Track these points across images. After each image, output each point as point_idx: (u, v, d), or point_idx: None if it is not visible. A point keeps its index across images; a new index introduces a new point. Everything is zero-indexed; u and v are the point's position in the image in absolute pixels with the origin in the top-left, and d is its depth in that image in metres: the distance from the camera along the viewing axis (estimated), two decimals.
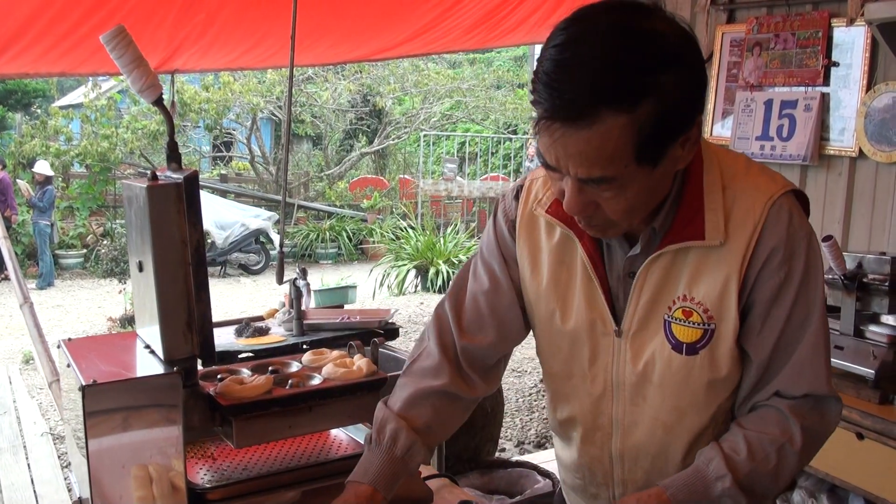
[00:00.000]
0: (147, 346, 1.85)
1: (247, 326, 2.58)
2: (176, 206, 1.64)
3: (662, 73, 1.29)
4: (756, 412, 1.56)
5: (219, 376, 1.89)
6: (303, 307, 2.63)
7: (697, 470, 1.50)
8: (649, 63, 1.28)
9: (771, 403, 1.54)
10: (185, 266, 1.67)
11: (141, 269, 1.75)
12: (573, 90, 1.27)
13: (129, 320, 9.52)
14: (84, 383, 1.58)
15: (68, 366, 1.76)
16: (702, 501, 1.49)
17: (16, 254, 12.79)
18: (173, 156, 1.75)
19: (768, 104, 4.06)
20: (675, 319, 1.53)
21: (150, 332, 1.79)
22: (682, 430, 1.60)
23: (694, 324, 1.51)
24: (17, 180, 14.05)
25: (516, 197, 1.71)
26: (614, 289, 1.59)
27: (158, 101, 1.72)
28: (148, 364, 1.76)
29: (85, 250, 14.85)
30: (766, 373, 1.53)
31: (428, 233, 12.55)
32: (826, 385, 1.52)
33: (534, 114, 1.35)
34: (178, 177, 1.67)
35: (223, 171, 19.52)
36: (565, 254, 1.63)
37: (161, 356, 1.72)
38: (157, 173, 1.71)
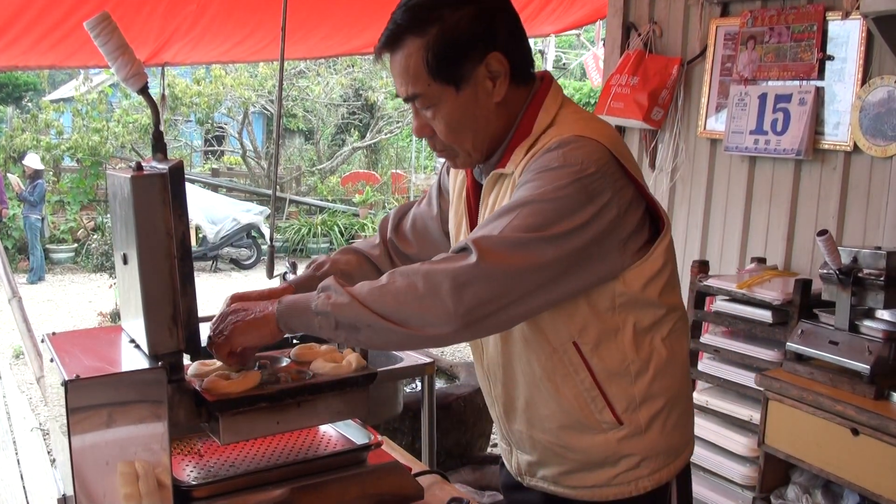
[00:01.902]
0: (132, 341, 1.82)
1: None
2: (161, 196, 1.61)
3: (447, 9, 1.67)
4: None
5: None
6: None
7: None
8: (438, 2, 1.68)
9: None
10: (170, 258, 1.64)
11: (125, 261, 1.72)
12: (390, 27, 1.70)
13: (119, 315, 9.47)
14: (67, 378, 1.55)
15: (52, 360, 1.73)
16: (302, 310, 1.67)
17: (6, 248, 12.82)
18: (158, 146, 1.72)
19: (762, 98, 4.03)
20: None
21: (134, 326, 1.76)
22: (514, 352, 1.82)
23: None
24: (8, 174, 13.99)
25: None
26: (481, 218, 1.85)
27: (144, 90, 1.69)
28: (133, 359, 1.73)
29: (76, 245, 14.79)
30: None
31: None
32: (474, 237, 1.60)
33: None
34: (163, 167, 1.64)
35: (214, 166, 19.49)
36: (462, 189, 1.96)
37: (146, 351, 1.69)
38: (143, 164, 1.67)
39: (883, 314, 3.09)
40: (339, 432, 2.08)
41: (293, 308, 1.68)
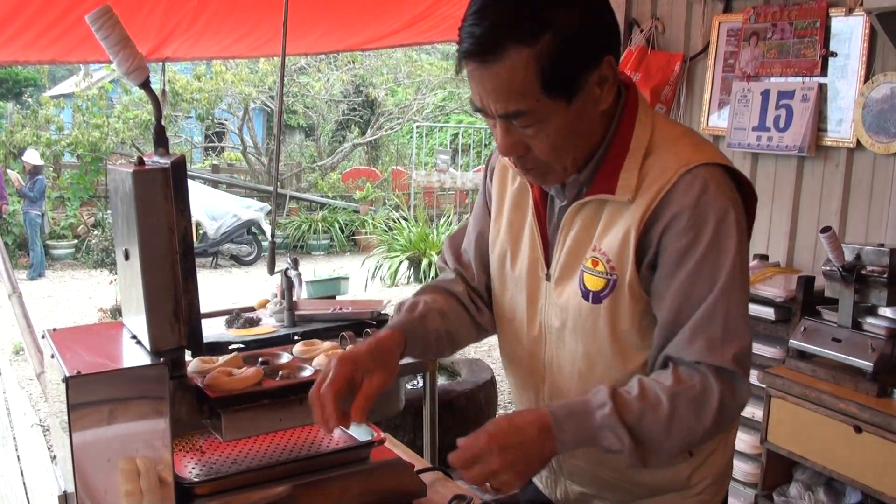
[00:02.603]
0: (133, 337, 1.81)
1: (237, 317, 2.55)
2: (163, 191, 1.60)
3: (560, 10, 1.42)
4: (659, 369, 1.58)
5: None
6: (294, 298, 2.59)
7: (583, 398, 1.53)
8: (548, 2, 1.42)
9: (674, 363, 1.56)
10: (172, 254, 1.63)
11: (127, 257, 1.71)
12: (482, 30, 1.42)
13: (119, 311, 9.47)
14: (68, 374, 1.54)
15: (52, 356, 1.72)
16: (581, 426, 1.49)
17: (6, 244, 12.81)
18: (160, 140, 1.71)
19: (765, 95, 4.02)
20: (587, 269, 1.62)
21: (136, 321, 1.75)
22: (594, 381, 1.63)
23: (599, 273, 1.60)
24: (8, 170, 13.98)
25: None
26: (550, 236, 1.71)
27: (145, 84, 1.68)
28: (134, 355, 1.72)
29: (76, 241, 14.80)
30: (667, 336, 1.56)
31: (421, 224, 12.51)
32: (722, 358, 1.51)
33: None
34: (164, 162, 1.63)
35: (215, 162, 19.48)
36: (521, 199, 1.77)
37: (148, 347, 1.68)
38: (144, 159, 1.66)
39: (886, 311, 3.08)
40: (341, 429, 2.07)
41: (577, 443, 1.51)
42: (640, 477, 1.73)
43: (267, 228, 14.78)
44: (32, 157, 13.53)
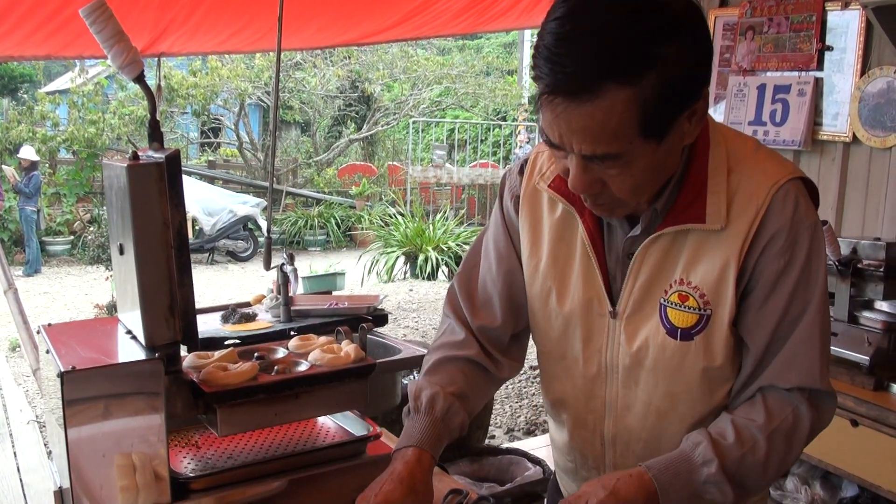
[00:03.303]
0: (129, 332, 1.80)
1: (233, 312, 2.54)
2: (157, 186, 1.59)
3: (666, 45, 1.25)
4: (747, 402, 1.52)
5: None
6: (290, 293, 2.59)
7: (683, 453, 1.46)
8: (652, 35, 1.25)
9: (764, 390, 1.51)
10: (167, 249, 1.62)
11: (122, 252, 1.70)
12: (575, 63, 1.24)
13: (116, 307, 9.43)
14: (63, 370, 1.53)
15: (47, 352, 1.71)
16: (685, 486, 1.44)
17: (2, 241, 12.83)
18: (155, 135, 1.70)
19: (761, 89, 4.02)
20: (671, 304, 1.50)
21: (131, 317, 1.75)
22: (675, 417, 1.57)
23: (690, 308, 1.48)
24: (3, 166, 13.96)
25: (521, 171, 1.70)
26: (612, 269, 1.57)
27: (140, 78, 1.66)
28: (129, 350, 1.71)
29: (72, 237, 14.78)
30: (760, 362, 1.50)
31: (417, 220, 12.50)
32: (819, 380, 1.48)
33: (533, 91, 1.33)
34: (159, 156, 1.62)
35: (211, 158, 19.47)
36: (566, 230, 1.61)
37: (143, 342, 1.67)
38: (139, 153, 1.66)
39: (882, 305, 3.08)
40: (337, 424, 2.07)
41: (673, 480, 1.45)
42: None
43: (263, 224, 14.76)
44: (28, 153, 13.51)
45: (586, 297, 1.59)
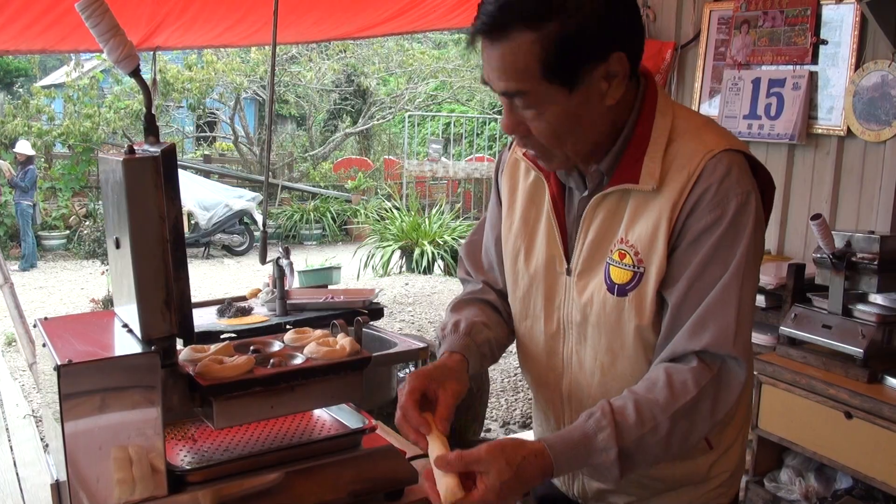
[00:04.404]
0: (125, 326, 1.81)
1: (229, 306, 2.54)
2: (153, 180, 1.60)
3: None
4: (650, 377, 1.56)
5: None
6: (286, 287, 2.59)
7: (585, 436, 1.49)
8: None
9: (667, 365, 1.55)
10: (162, 242, 1.63)
11: (118, 246, 1.71)
12: (493, 10, 1.46)
13: (111, 302, 9.43)
14: (59, 363, 1.54)
15: (44, 345, 1.72)
16: (581, 465, 1.50)
17: None
18: (150, 129, 1.70)
19: (756, 83, 4.03)
20: (613, 261, 1.61)
21: (127, 310, 1.75)
22: (617, 375, 1.65)
23: (626, 266, 1.59)
24: None
25: (509, 147, 1.87)
26: (570, 230, 1.70)
27: (135, 72, 1.67)
28: (126, 343, 1.72)
29: (68, 231, 14.76)
30: (676, 318, 1.56)
31: (413, 213, 12.50)
32: (732, 345, 1.50)
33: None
34: (155, 150, 1.62)
35: (206, 152, 19.45)
36: (536, 195, 1.77)
37: (139, 335, 1.68)
38: (135, 147, 1.66)
39: (876, 298, 3.09)
40: (333, 416, 2.07)
41: (571, 466, 1.50)
42: (660, 472, 1.72)
43: (259, 218, 14.75)
44: (24, 147, 13.48)
45: (549, 256, 1.72)
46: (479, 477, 1.43)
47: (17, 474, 4.82)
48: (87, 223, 13.48)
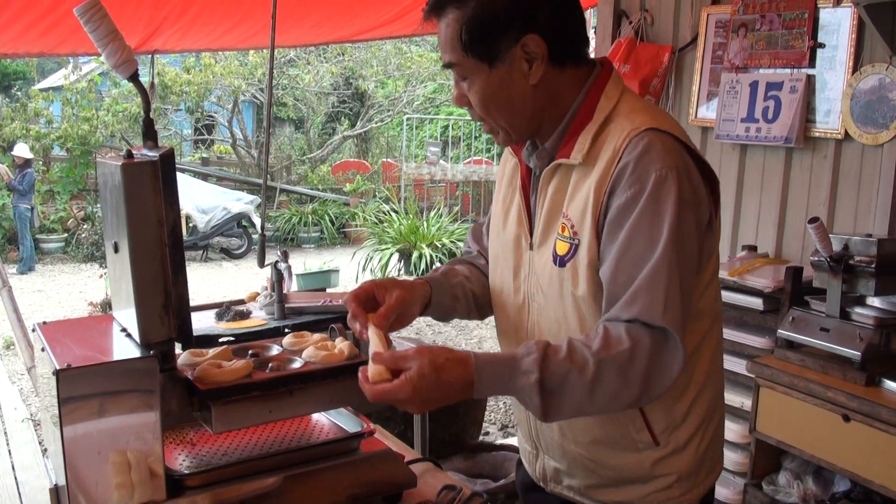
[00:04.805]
0: (123, 330, 1.81)
1: (227, 310, 2.55)
2: (152, 184, 1.60)
3: None
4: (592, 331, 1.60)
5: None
6: (284, 290, 2.60)
7: (513, 357, 1.54)
8: None
9: (605, 322, 1.58)
10: (161, 246, 1.63)
11: (116, 250, 1.71)
12: None
13: (110, 305, 9.43)
14: (58, 367, 1.54)
15: (43, 350, 1.72)
16: (502, 386, 1.54)
17: None
18: (149, 133, 1.71)
19: (753, 86, 4.03)
20: (559, 235, 1.71)
21: (126, 314, 1.76)
22: None
23: (566, 238, 1.69)
24: None
25: None
26: (533, 207, 1.81)
27: (134, 77, 1.67)
28: (124, 348, 1.72)
29: (66, 234, 14.74)
30: (610, 297, 1.60)
31: (411, 216, 12.50)
32: (661, 316, 1.52)
33: None
34: (153, 154, 1.63)
35: (205, 155, 19.45)
36: (514, 177, 1.90)
37: (137, 339, 1.68)
38: (133, 151, 1.66)
39: (874, 301, 3.10)
40: (331, 421, 2.08)
41: (492, 389, 1.56)
42: (603, 456, 1.77)
43: (257, 221, 14.74)
44: (22, 150, 13.48)
45: (518, 233, 1.84)
46: (403, 372, 1.51)
47: (15, 478, 4.82)
48: (85, 226, 13.49)
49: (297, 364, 1.85)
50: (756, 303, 3.57)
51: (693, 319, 1.65)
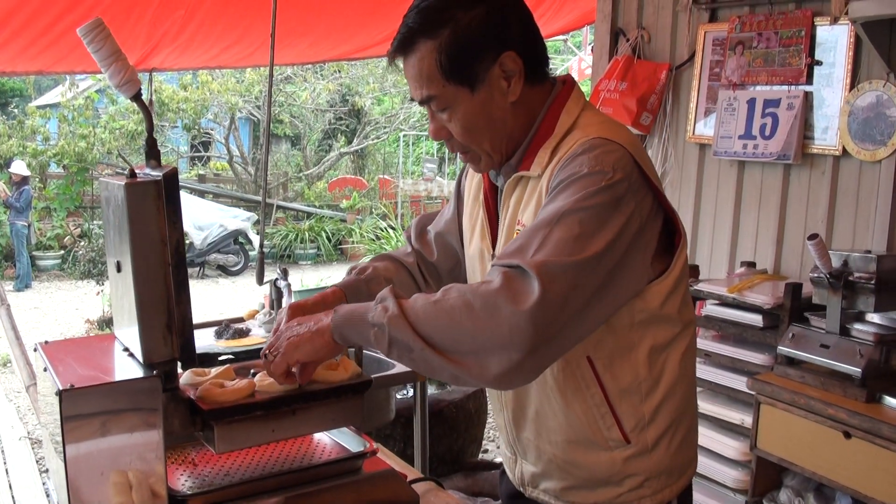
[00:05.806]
0: (126, 349, 1.81)
1: (227, 328, 2.54)
2: (155, 204, 1.60)
3: (458, 10, 1.66)
4: None
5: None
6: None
7: (376, 295, 1.62)
8: (455, 4, 1.67)
9: None
10: (164, 266, 1.63)
11: (119, 269, 1.71)
12: (402, 32, 1.71)
13: (106, 322, 9.44)
14: (61, 388, 1.53)
15: (45, 369, 1.71)
16: (357, 315, 1.61)
17: None
18: (152, 153, 1.71)
19: (751, 103, 4.04)
20: None
21: (128, 334, 1.75)
22: None
23: None
24: None
25: None
26: (500, 221, 1.86)
27: (137, 97, 1.67)
28: (127, 367, 1.72)
29: (62, 251, 14.73)
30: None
31: None
32: (524, 258, 1.50)
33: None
34: (157, 174, 1.63)
35: (201, 172, 19.45)
36: (478, 192, 1.96)
37: (140, 359, 1.67)
38: (136, 171, 1.66)
39: (874, 317, 3.10)
40: (333, 440, 2.07)
41: (349, 319, 1.63)
42: (576, 456, 1.80)
43: (254, 238, 14.75)
44: (19, 167, 13.48)
45: (481, 247, 1.91)
46: None
47: (12, 497, 4.79)
48: (81, 243, 13.46)
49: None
50: (756, 319, 3.57)
51: (659, 323, 1.73)
